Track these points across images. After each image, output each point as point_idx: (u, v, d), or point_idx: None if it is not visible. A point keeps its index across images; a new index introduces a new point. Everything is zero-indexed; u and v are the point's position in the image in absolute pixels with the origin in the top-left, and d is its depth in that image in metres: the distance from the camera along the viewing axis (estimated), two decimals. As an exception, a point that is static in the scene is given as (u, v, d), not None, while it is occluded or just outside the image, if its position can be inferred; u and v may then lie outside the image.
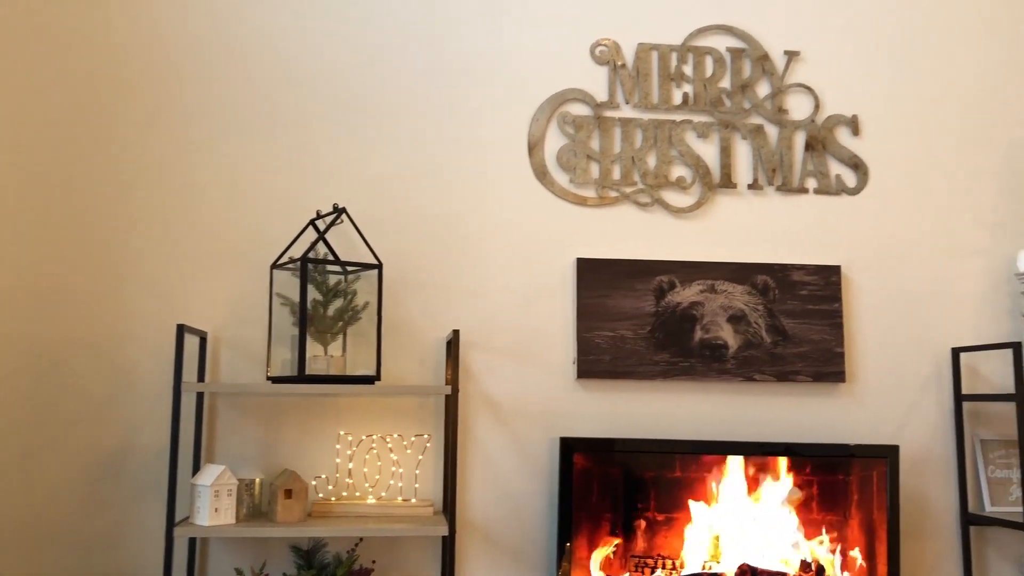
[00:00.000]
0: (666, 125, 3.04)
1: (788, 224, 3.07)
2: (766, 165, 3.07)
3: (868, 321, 3.05)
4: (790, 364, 2.96)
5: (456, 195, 2.95)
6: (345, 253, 2.79)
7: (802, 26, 3.15)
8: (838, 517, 2.88)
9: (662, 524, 2.83)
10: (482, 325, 2.91)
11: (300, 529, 2.51)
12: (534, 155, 3.00)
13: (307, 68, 2.94)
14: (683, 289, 2.98)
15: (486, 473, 2.85)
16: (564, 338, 2.94)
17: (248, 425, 2.78)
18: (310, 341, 2.66)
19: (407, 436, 2.80)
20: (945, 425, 3.04)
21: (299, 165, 2.90)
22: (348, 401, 2.82)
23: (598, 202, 3.01)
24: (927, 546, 2.98)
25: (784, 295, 2.99)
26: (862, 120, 3.14)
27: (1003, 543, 3.01)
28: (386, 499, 2.73)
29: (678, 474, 2.87)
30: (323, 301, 2.71)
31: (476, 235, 2.94)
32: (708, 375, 2.94)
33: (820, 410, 2.99)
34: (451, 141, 2.97)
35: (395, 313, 2.85)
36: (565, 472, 2.74)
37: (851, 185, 3.11)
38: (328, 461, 2.78)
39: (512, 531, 2.85)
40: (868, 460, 2.86)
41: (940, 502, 3.01)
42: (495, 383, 2.90)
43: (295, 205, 2.87)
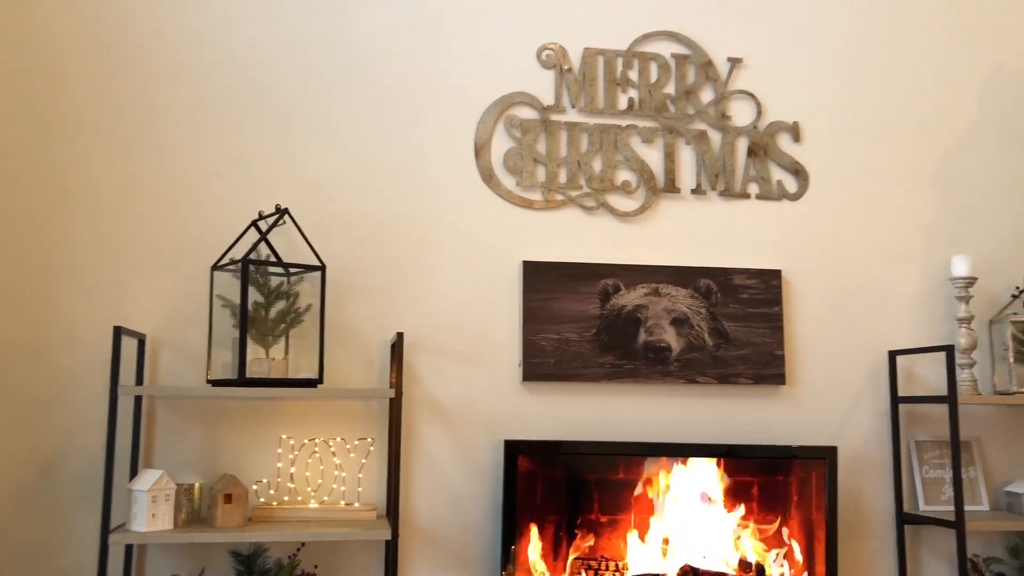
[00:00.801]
0: (612, 130, 3.06)
1: (730, 229, 3.11)
2: (709, 170, 3.11)
3: (808, 324, 3.11)
4: (732, 367, 3.00)
5: (402, 197, 2.94)
6: (288, 255, 2.76)
7: (745, 34, 3.20)
8: (778, 517, 2.93)
9: (606, 526, 2.85)
10: (428, 328, 2.90)
11: (240, 534, 2.47)
12: (481, 158, 2.99)
13: (250, 68, 2.91)
14: (628, 292, 3.00)
15: (430, 476, 2.84)
16: (510, 341, 2.94)
17: (188, 429, 2.73)
18: (251, 344, 2.63)
19: (350, 440, 2.78)
20: (881, 426, 3.11)
21: (242, 166, 2.86)
22: (290, 404, 2.78)
23: (544, 205, 3.02)
24: (864, 545, 3.04)
25: (726, 298, 3.03)
26: (803, 127, 3.20)
27: (936, 541, 3.08)
28: (329, 503, 2.71)
29: (622, 476, 2.89)
30: (265, 303, 2.68)
31: (422, 237, 2.93)
32: (652, 377, 2.96)
33: (761, 412, 3.04)
34: (397, 143, 2.96)
35: (339, 315, 2.82)
36: (509, 475, 2.74)
37: (792, 191, 3.16)
38: (270, 465, 2.74)
39: (456, 534, 2.84)
40: (807, 461, 2.91)
41: (876, 502, 3.07)
42: (440, 386, 2.89)
43: (237, 206, 2.83)
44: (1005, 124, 3.35)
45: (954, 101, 3.33)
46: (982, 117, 3.34)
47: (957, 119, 3.32)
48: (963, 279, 3.05)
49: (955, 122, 3.32)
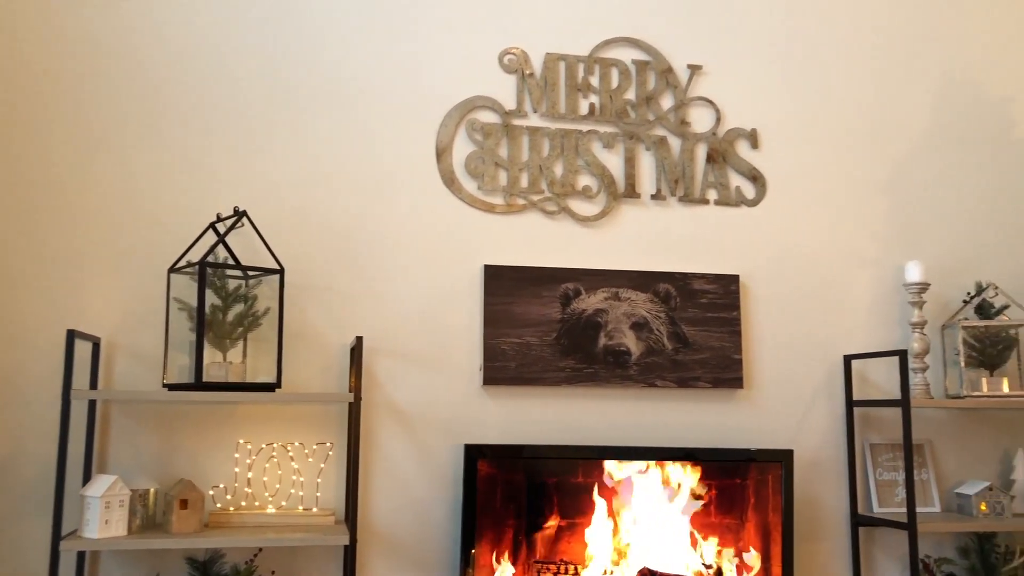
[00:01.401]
0: (573, 135, 3.08)
1: (690, 234, 3.14)
2: (669, 176, 3.14)
3: (765, 329, 3.15)
4: (690, 371, 3.03)
5: (362, 200, 2.93)
6: (247, 258, 2.74)
7: (705, 41, 3.24)
8: (735, 520, 2.96)
9: (565, 529, 2.86)
10: (388, 332, 2.89)
11: (196, 540, 2.44)
12: (442, 161, 2.99)
13: (208, 69, 2.88)
14: (588, 296, 3.01)
15: (390, 481, 2.83)
16: (470, 345, 2.94)
17: (143, 434, 2.69)
18: (208, 347, 2.60)
19: (309, 444, 2.76)
20: (837, 429, 3.15)
21: (200, 167, 2.83)
22: (248, 409, 2.76)
23: (506, 209, 3.02)
24: (819, 547, 3.08)
25: (685, 303, 3.06)
26: (761, 134, 3.24)
27: (889, 543, 3.13)
28: (287, 508, 2.69)
29: (581, 479, 2.91)
30: (222, 306, 2.65)
31: (382, 240, 2.92)
32: (611, 381, 2.98)
33: (719, 415, 3.07)
34: (358, 145, 2.95)
35: (298, 319, 2.80)
36: (469, 479, 2.74)
37: (750, 197, 3.20)
38: (227, 470, 2.71)
39: (416, 539, 2.83)
40: (764, 464, 2.94)
41: (832, 504, 3.12)
42: (400, 390, 2.88)
43: (195, 208, 2.80)
44: (956, 132, 3.42)
45: (907, 110, 3.39)
46: (935, 125, 3.41)
47: (910, 127, 3.39)
48: (916, 285, 3.10)
49: (908, 130, 3.38)
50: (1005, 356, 3.15)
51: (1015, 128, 3.49)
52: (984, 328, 3.13)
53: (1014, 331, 3.14)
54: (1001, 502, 3.01)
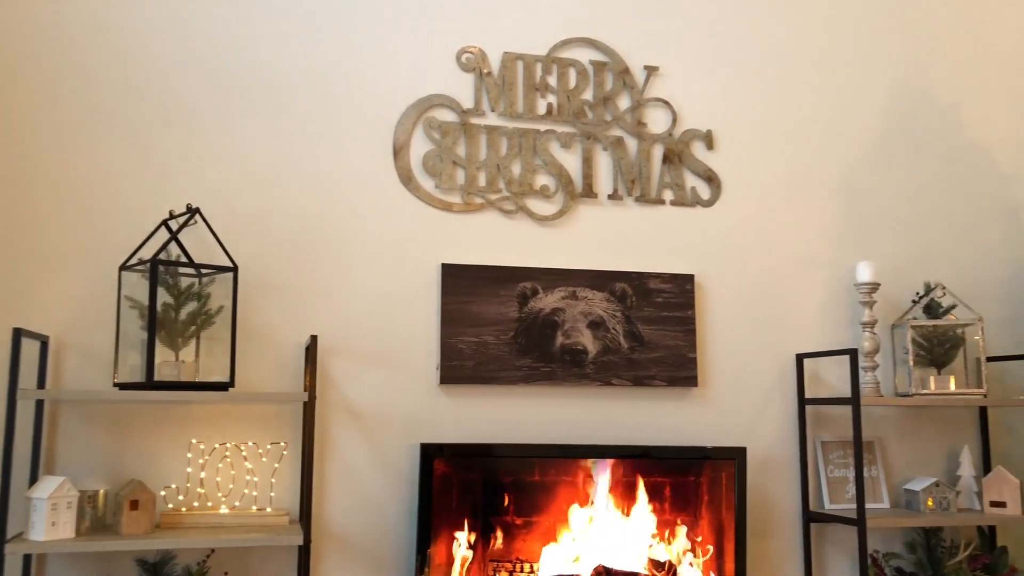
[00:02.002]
0: (531, 134, 3.09)
1: (646, 234, 3.17)
2: (626, 176, 3.16)
3: (719, 328, 3.18)
4: (646, 369, 3.05)
5: (318, 197, 2.91)
6: (200, 255, 2.70)
7: (661, 43, 3.26)
8: (690, 517, 2.99)
9: (521, 528, 2.87)
10: (344, 331, 2.87)
11: (146, 541, 2.41)
12: (399, 159, 2.98)
13: (162, 65, 2.84)
14: (545, 295, 3.02)
15: (345, 481, 2.82)
16: (427, 344, 2.94)
17: (93, 434, 2.64)
18: (160, 346, 2.56)
19: (263, 444, 2.74)
20: (789, 427, 3.20)
21: (152, 163, 2.79)
22: (200, 408, 2.73)
23: (463, 208, 3.02)
24: (771, 543, 3.13)
25: (641, 302, 3.09)
26: (716, 135, 3.28)
27: (840, 538, 3.19)
28: (240, 508, 2.66)
29: (537, 478, 2.92)
30: (175, 304, 2.62)
31: (338, 239, 2.91)
32: (568, 380, 2.99)
33: (674, 413, 3.10)
34: (313, 142, 2.92)
35: (252, 318, 2.78)
36: (425, 478, 2.73)
37: (705, 197, 3.24)
38: (179, 471, 2.68)
39: (371, 539, 2.82)
40: (718, 462, 2.98)
41: (784, 500, 3.16)
42: (356, 389, 2.86)
43: (147, 205, 2.76)
44: (907, 136, 3.49)
45: (859, 113, 3.45)
46: (885, 129, 3.47)
47: (862, 131, 3.45)
48: (867, 285, 3.16)
49: (860, 134, 3.44)
50: (952, 355, 3.21)
51: (963, 132, 3.57)
52: (932, 328, 3.20)
53: (961, 330, 3.21)
54: (947, 497, 3.08)
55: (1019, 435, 3.42)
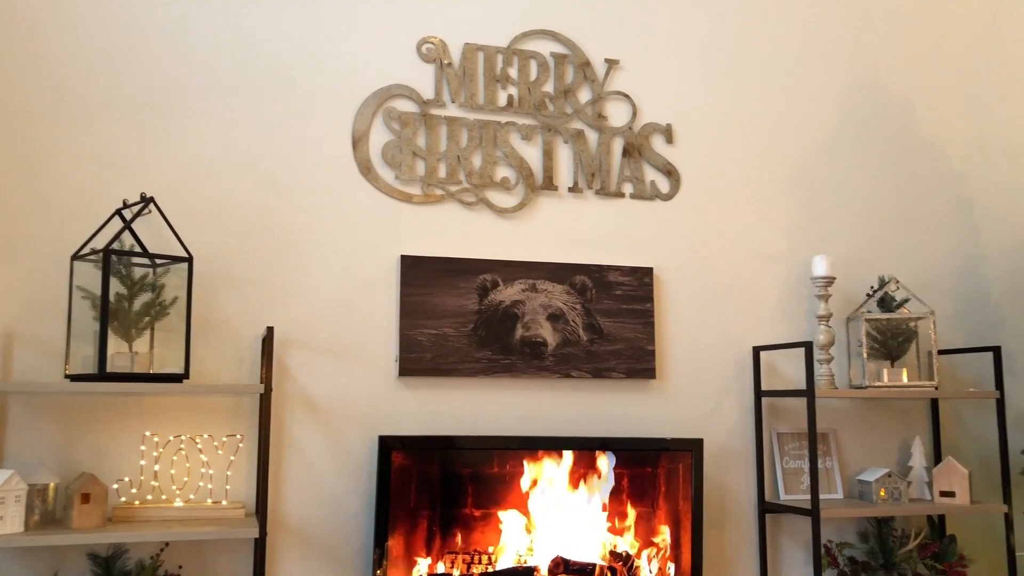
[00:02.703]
0: (491, 126, 3.08)
1: (605, 227, 3.18)
2: (586, 169, 3.16)
3: (677, 320, 3.21)
4: (605, 361, 3.07)
5: (275, 187, 2.88)
6: (154, 245, 2.66)
7: (622, 36, 3.27)
8: (647, 508, 3.01)
9: (479, 520, 2.87)
10: (301, 322, 2.85)
11: (98, 535, 2.38)
12: (358, 150, 2.96)
13: (117, 50, 2.78)
14: (505, 288, 3.02)
15: (303, 474, 2.80)
16: (386, 336, 2.92)
17: (44, 427, 2.59)
18: (113, 337, 2.52)
19: (218, 436, 2.70)
20: (745, 419, 3.24)
21: (106, 152, 2.74)
22: (154, 400, 2.69)
23: (423, 199, 3.01)
24: (727, 534, 3.16)
25: (600, 295, 3.10)
26: (676, 129, 3.30)
27: (795, 528, 3.23)
28: (195, 502, 2.63)
29: (496, 470, 2.92)
30: (128, 295, 2.58)
31: (296, 229, 2.88)
32: (528, 372, 3.00)
33: (632, 405, 3.12)
34: (271, 131, 2.89)
35: (208, 309, 2.74)
36: (383, 471, 2.72)
37: (664, 191, 3.25)
38: (132, 463, 2.64)
39: (329, 532, 2.80)
40: (675, 453, 3.00)
41: (740, 491, 3.20)
42: (314, 382, 2.84)
43: (100, 193, 2.70)
44: (861, 132, 3.54)
45: (815, 109, 3.50)
46: (841, 124, 3.52)
47: (818, 126, 3.49)
48: (822, 279, 3.20)
49: (816, 129, 3.49)
50: (905, 348, 3.27)
51: (917, 129, 3.63)
52: (886, 321, 3.25)
53: (914, 324, 3.27)
54: (899, 488, 3.14)
55: (969, 427, 3.49)
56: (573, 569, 2.86)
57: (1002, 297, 3.60)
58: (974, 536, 3.36)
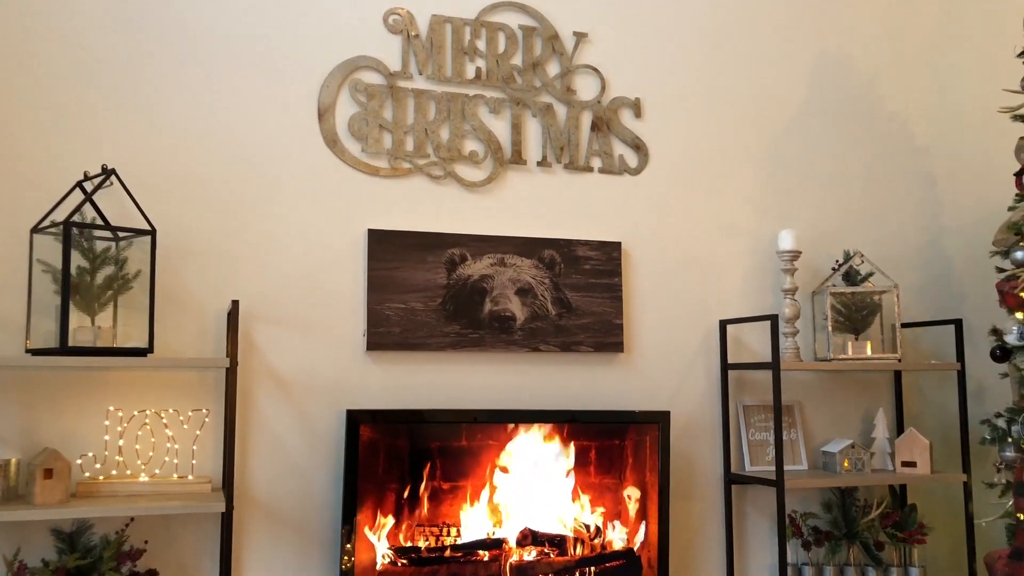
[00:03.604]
0: (459, 99, 3.06)
1: (574, 201, 3.18)
2: (555, 143, 3.16)
3: (645, 294, 3.22)
4: (573, 335, 3.08)
5: (240, 160, 2.84)
6: (117, 218, 2.61)
7: (590, 9, 3.26)
8: (614, 480, 3.04)
9: (448, 493, 2.88)
10: (267, 296, 2.82)
11: (61, 511, 2.36)
12: (324, 122, 2.93)
13: (78, 19, 2.72)
14: (474, 262, 3.02)
15: (270, 448, 2.79)
16: (354, 310, 2.91)
17: (5, 402, 2.56)
18: (75, 311, 2.49)
19: (184, 411, 2.68)
20: (712, 392, 3.27)
21: (66, 122, 2.68)
22: (118, 375, 2.66)
23: (390, 173, 2.99)
24: (694, 504, 3.20)
25: (569, 269, 3.10)
26: (644, 103, 3.29)
27: (760, 499, 3.28)
28: (160, 477, 2.61)
29: (464, 443, 2.93)
30: (90, 268, 2.54)
31: (261, 202, 2.85)
32: (497, 346, 3.00)
33: (600, 379, 3.13)
34: (235, 102, 2.85)
35: (172, 283, 2.71)
36: (351, 445, 2.71)
37: (633, 165, 3.26)
38: (96, 439, 2.61)
39: (297, 506, 2.80)
40: (642, 425, 3.03)
41: (706, 463, 3.24)
42: (281, 356, 2.82)
43: (61, 165, 2.65)
44: (829, 107, 3.56)
45: (784, 83, 3.51)
46: (809, 99, 3.53)
47: (785, 101, 3.50)
48: (788, 252, 3.23)
49: (783, 104, 3.50)
50: (869, 321, 3.31)
51: (883, 104, 3.65)
52: (851, 294, 3.29)
53: (878, 297, 3.31)
54: (862, 459, 3.18)
55: (930, 398, 3.55)
56: (541, 540, 2.89)
57: (964, 271, 3.65)
58: (934, 505, 3.43)
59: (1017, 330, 2.99)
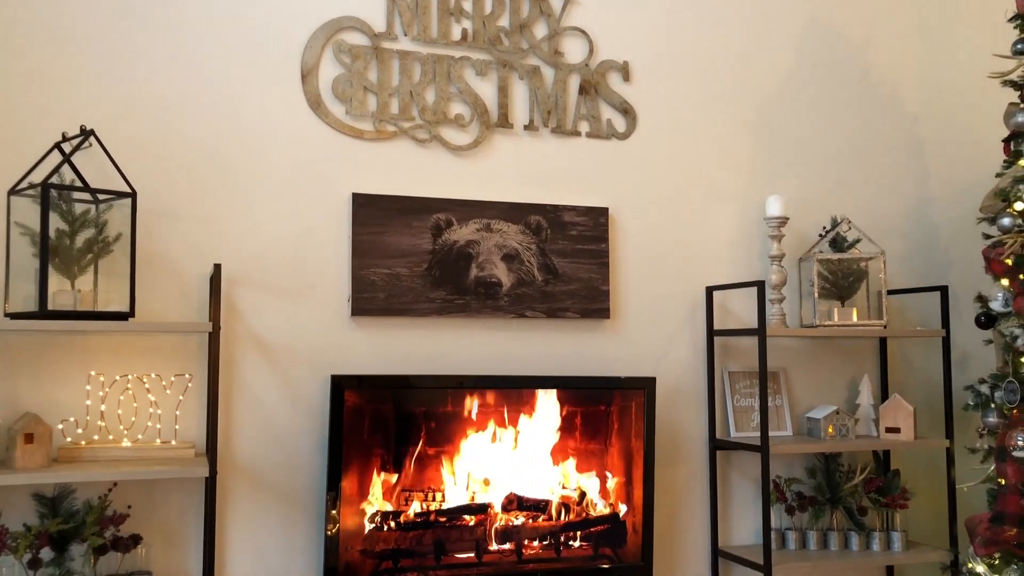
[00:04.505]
0: (445, 60, 3.01)
1: (561, 166, 3.15)
2: (542, 107, 3.12)
3: (632, 261, 3.21)
4: (559, 301, 3.06)
5: (222, 121, 2.79)
6: (97, 181, 2.57)
7: (579, -30, 3.21)
8: (600, 445, 3.04)
9: (433, 458, 2.87)
10: (251, 261, 2.79)
11: (42, 475, 2.34)
12: (308, 83, 2.88)
13: (50, -26, 2.66)
14: (460, 227, 2.99)
15: (254, 413, 2.77)
16: (338, 275, 2.88)
17: (-16, 367, 2.53)
18: (55, 275, 2.46)
19: (167, 376, 2.66)
20: (698, 358, 3.27)
21: (44, 83, 2.63)
22: (100, 339, 2.63)
23: (375, 136, 2.95)
24: (679, 470, 3.21)
25: (555, 235, 3.08)
26: (633, 67, 3.25)
27: (744, 464, 3.29)
28: (143, 442, 2.59)
29: (450, 409, 2.92)
30: (70, 231, 2.50)
31: (244, 165, 2.80)
32: (482, 312, 2.98)
33: (586, 345, 3.12)
34: (216, 62, 2.80)
35: (153, 246, 2.67)
36: (336, 410, 2.70)
37: (621, 130, 3.22)
38: (77, 404, 2.59)
39: (282, 472, 2.79)
40: (628, 391, 3.02)
41: (691, 429, 3.24)
42: (264, 321, 2.80)
43: (37, 126, 2.60)
44: (818, 73, 3.53)
45: (774, 49, 3.47)
46: (799, 65, 3.50)
47: (775, 67, 3.47)
48: (776, 219, 3.21)
49: (773, 70, 3.47)
50: (855, 287, 3.31)
51: (873, 70, 3.63)
52: (837, 261, 3.28)
53: (864, 264, 3.30)
54: (846, 424, 3.20)
55: (915, 365, 3.56)
56: (526, 505, 2.89)
57: (950, 238, 3.65)
58: (917, 470, 3.45)
59: (1002, 296, 3.00)
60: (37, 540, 2.38)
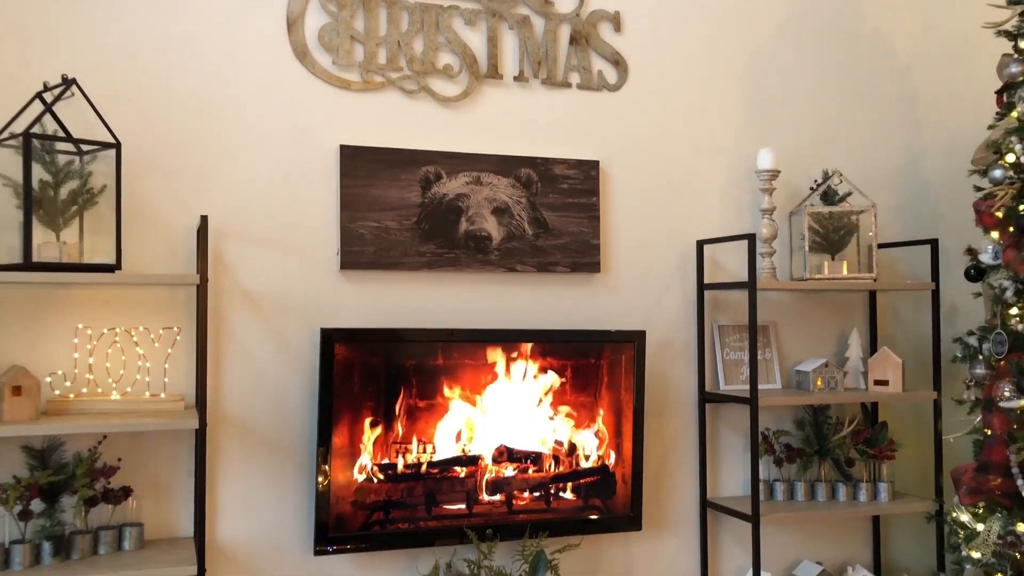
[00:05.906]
0: (433, 9, 2.96)
1: (552, 118, 3.11)
2: (532, 58, 3.08)
3: (623, 214, 3.19)
4: (550, 255, 3.05)
5: (207, 70, 2.75)
6: (81, 132, 2.53)
7: (569, -83, 3.15)
8: (589, 398, 3.05)
9: (423, 411, 2.87)
10: (238, 213, 2.76)
11: (31, 428, 2.33)
12: (293, 32, 2.83)
13: (28, -82, 2.59)
14: (449, 180, 2.96)
15: (243, 366, 2.76)
16: (327, 228, 2.86)
17: (-31, 320, 2.51)
18: (39, 227, 2.43)
19: (155, 329, 2.64)
20: (688, 312, 3.27)
21: (21, 30, 2.58)
22: (86, 292, 2.61)
23: (362, 87, 2.91)
24: (668, 423, 3.22)
25: (546, 188, 3.06)
26: (624, 17, 3.21)
27: (734, 417, 3.31)
28: (132, 395, 2.59)
29: (440, 362, 2.91)
30: (53, 183, 2.47)
31: (230, 115, 2.76)
32: (472, 266, 2.97)
33: (577, 299, 3.12)
34: (201, 9, 2.74)
35: (140, 198, 2.64)
36: (326, 363, 2.69)
37: (612, 81, 3.19)
38: (65, 357, 2.57)
39: (272, 425, 2.79)
40: (618, 344, 3.03)
41: (681, 382, 3.25)
42: (252, 274, 2.78)
43: (18, 76, 2.55)
44: (811, 24, 3.49)
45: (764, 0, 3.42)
46: (789, 16, 3.46)
47: (767, 18, 3.43)
48: (767, 172, 3.19)
49: (764, 21, 3.42)
50: (846, 241, 3.30)
51: (864, 22, 3.59)
52: (828, 214, 3.27)
53: (855, 217, 3.30)
54: (835, 377, 3.21)
55: (904, 318, 3.57)
56: (516, 457, 2.91)
57: (941, 192, 3.64)
58: (905, 422, 3.48)
59: (992, 249, 2.99)
60: (27, 492, 2.38)
